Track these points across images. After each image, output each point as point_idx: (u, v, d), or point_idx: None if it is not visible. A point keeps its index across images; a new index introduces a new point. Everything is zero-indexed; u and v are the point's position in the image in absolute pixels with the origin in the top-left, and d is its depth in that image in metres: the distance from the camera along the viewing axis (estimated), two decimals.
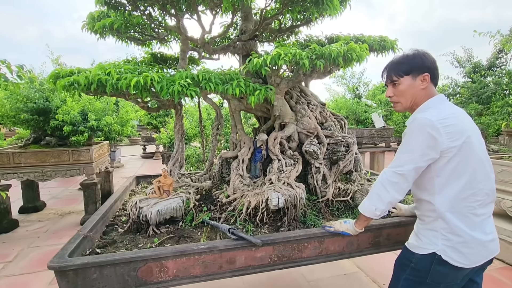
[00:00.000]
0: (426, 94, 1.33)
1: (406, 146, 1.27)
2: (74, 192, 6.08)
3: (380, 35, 2.46)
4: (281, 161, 2.08)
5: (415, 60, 1.33)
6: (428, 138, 1.20)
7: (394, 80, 1.37)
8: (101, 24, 1.94)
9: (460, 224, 1.23)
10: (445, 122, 1.19)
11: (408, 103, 1.37)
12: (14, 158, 3.93)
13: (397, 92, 1.38)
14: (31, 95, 3.96)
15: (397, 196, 1.31)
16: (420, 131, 1.22)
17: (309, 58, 1.62)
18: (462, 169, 1.21)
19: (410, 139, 1.26)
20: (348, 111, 6.48)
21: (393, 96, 1.40)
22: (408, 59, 1.35)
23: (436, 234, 1.28)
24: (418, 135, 1.22)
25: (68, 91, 1.77)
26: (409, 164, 1.25)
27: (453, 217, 1.23)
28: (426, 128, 1.20)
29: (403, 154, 1.28)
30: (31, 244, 3.69)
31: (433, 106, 1.30)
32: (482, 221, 1.25)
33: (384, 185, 1.31)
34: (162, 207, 1.91)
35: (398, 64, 1.36)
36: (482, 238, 1.24)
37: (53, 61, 6.12)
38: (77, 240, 1.59)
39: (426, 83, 1.32)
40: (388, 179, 1.30)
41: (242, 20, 2.45)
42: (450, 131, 1.18)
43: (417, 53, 1.35)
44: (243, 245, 1.57)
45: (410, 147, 1.25)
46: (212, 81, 1.63)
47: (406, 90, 1.34)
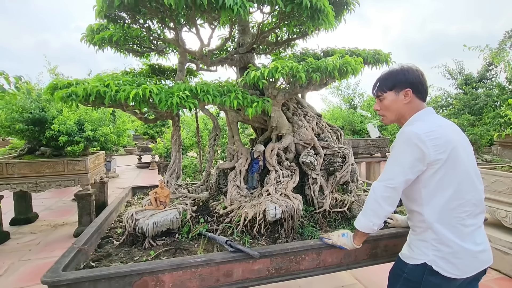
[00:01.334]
0: (412, 108, 1.38)
1: (396, 159, 1.31)
2: (68, 203, 5.99)
3: (374, 49, 2.53)
4: (278, 172, 2.09)
5: (398, 76, 1.39)
6: (415, 151, 1.23)
7: (378, 95, 1.44)
8: (100, 36, 1.97)
9: (449, 235, 1.25)
10: (432, 134, 1.23)
11: (393, 117, 1.44)
12: (7, 168, 3.88)
13: (382, 106, 1.45)
14: (27, 105, 3.94)
15: (391, 209, 1.34)
16: (408, 144, 1.25)
17: (305, 71, 1.65)
18: (448, 180, 1.24)
19: (399, 152, 1.30)
20: (344, 122, 6.54)
21: (380, 110, 1.48)
22: (391, 75, 1.41)
23: (426, 245, 1.30)
24: (406, 148, 1.26)
25: (65, 102, 1.78)
26: (399, 176, 1.28)
27: (441, 227, 1.26)
28: (413, 141, 1.24)
29: (393, 167, 1.32)
30: (22, 257, 3.61)
31: (420, 119, 1.34)
32: (472, 231, 1.26)
33: (377, 200, 1.34)
34: (159, 219, 1.89)
35: (382, 80, 1.44)
36: (473, 248, 1.25)
37: (50, 71, 6.13)
38: (72, 253, 1.56)
39: (408, 98, 1.37)
40: (381, 194, 1.33)
41: (239, 33, 2.50)
42: (436, 143, 1.22)
43: (401, 69, 1.41)
44: (241, 257, 1.56)
45: (400, 160, 1.29)
46: (210, 93, 1.65)
47: (390, 105, 1.41)
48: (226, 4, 1.34)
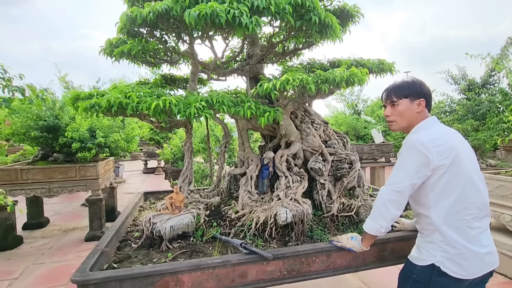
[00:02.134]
0: (420, 117, 1.47)
1: (402, 165, 1.40)
2: (77, 208, 6.11)
3: (378, 59, 2.63)
4: (288, 178, 2.18)
5: (414, 86, 1.48)
6: (420, 157, 1.31)
7: (393, 100, 1.50)
8: (120, 50, 2.09)
9: (455, 236, 1.31)
10: (435, 142, 1.32)
11: (403, 124, 1.51)
12: (22, 174, 4.01)
13: (395, 112, 1.51)
14: (41, 113, 4.09)
15: (398, 212, 1.42)
16: (413, 151, 1.34)
17: (315, 82, 1.75)
18: (452, 185, 1.31)
19: (405, 158, 1.38)
20: (348, 127, 6.63)
21: (391, 116, 1.54)
22: (408, 84, 1.50)
23: (434, 246, 1.36)
24: (412, 154, 1.35)
25: (88, 112, 1.89)
26: (405, 181, 1.36)
27: (448, 229, 1.32)
28: (418, 147, 1.32)
29: (399, 172, 1.40)
30: (36, 261, 3.71)
31: (424, 127, 1.44)
32: (478, 234, 1.33)
33: (384, 203, 1.41)
34: (175, 222, 1.98)
35: (399, 87, 1.51)
36: (479, 250, 1.31)
37: (60, 79, 6.31)
38: (96, 255, 1.66)
39: (421, 108, 1.46)
40: (388, 198, 1.40)
41: (249, 45, 2.61)
42: (439, 150, 1.30)
43: (416, 80, 1.51)
44: (255, 259, 1.64)
45: (406, 165, 1.37)
46: (225, 104, 1.76)
47: (404, 111, 1.48)
48: (243, 23, 1.46)
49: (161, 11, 1.61)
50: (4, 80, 1.81)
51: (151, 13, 1.62)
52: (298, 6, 1.71)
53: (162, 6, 1.61)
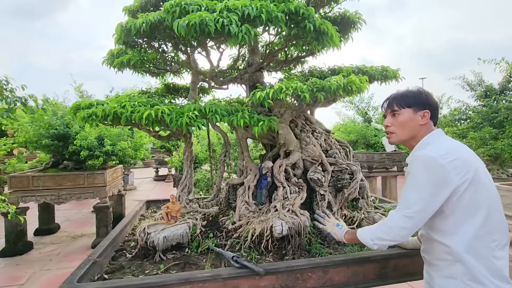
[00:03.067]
0: (424, 130, 1.32)
1: (412, 186, 1.20)
2: (87, 214, 6.22)
3: (382, 65, 2.55)
4: (285, 188, 2.12)
5: (420, 96, 1.33)
6: (434, 176, 1.13)
7: (395, 109, 1.36)
8: (119, 60, 2.12)
9: (482, 269, 1.10)
10: (448, 156, 1.14)
11: (403, 136, 1.35)
12: (33, 181, 4.13)
13: (395, 123, 1.37)
14: (53, 122, 4.22)
15: (400, 240, 1.29)
16: (424, 169, 1.16)
17: (310, 91, 1.70)
18: (476, 205, 1.13)
19: (415, 178, 1.19)
20: (357, 135, 6.48)
21: (390, 126, 1.39)
22: (412, 93, 1.35)
23: (455, 283, 1.14)
24: (423, 174, 1.16)
25: (86, 121, 1.92)
26: (417, 204, 1.16)
27: (473, 260, 1.11)
28: (430, 165, 1.14)
29: (410, 195, 1.20)
30: (44, 267, 3.77)
31: (431, 142, 1.28)
32: (503, 266, 1.13)
33: (391, 228, 1.24)
34: (169, 233, 1.96)
35: (402, 96, 1.36)
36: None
37: (75, 88, 6.53)
38: (87, 265, 1.65)
39: (425, 120, 1.30)
40: (396, 223, 1.22)
41: (249, 53, 2.60)
42: (455, 165, 1.13)
43: (422, 90, 1.36)
44: (247, 273, 1.58)
45: (417, 186, 1.18)
46: (218, 113, 1.74)
47: (405, 122, 1.33)
48: (232, 32, 1.44)
49: (154, 22, 1.62)
50: (7, 90, 1.87)
51: (145, 23, 1.63)
52: (292, 13, 1.68)
53: (155, 16, 1.62)
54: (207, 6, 1.58)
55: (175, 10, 1.54)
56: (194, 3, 1.57)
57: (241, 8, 1.52)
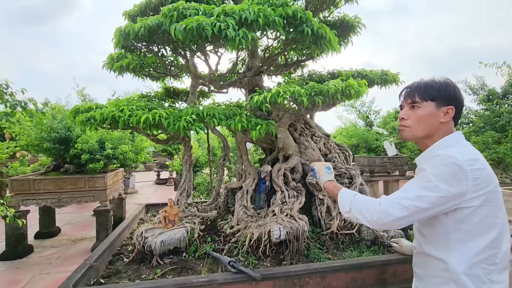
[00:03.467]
0: (445, 130, 1.14)
1: (423, 181, 1.05)
2: (88, 218, 6.21)
3: (382, 69, 2.55)
4: (284, 193, 2.11)
5: (447, 89, 1.14)
6: (452, 180, 1.00)
7: (416, 101, 1.16)
8: (119, 64, 2.13)
9: None
10: (474, 164, 1.00)
11: (419, 132, 1.16)
12: (34, 184, 4.13)
13: (413, 116, 1.17)
14: (54, 125, 4.24)
15: (378, 227, 1.14)
16: (444, 168, 1.02)
17: (308, 94, 1.70)
18: (489, 224, 1.02)
19: (429, 174, 1.04)
20: (359, 139, 6.45)
21: (407, 119, 1.19)
22: (439, 84, 1.15)
23: None
24: (441, 173, 1.02)
25: (85, 125, 1.93)
26: (421, 200, 1.02)
27: (469, 282, 1.01)
28: (451, 167, 1.00)
29: (416, 187, 1.06)
30: (43, 270, 3.76)
31: (455, 143, 1.11)
32: None
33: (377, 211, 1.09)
34: (166, 237, 1.95)
35: (426, 86, 1.16)
36: None
37: (78, 92, 6.58)
38: (83, 269, 1.64)
39: (448, 117, 1.13)
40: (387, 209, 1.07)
41: (249, 57, 2.61)
42: (477, 176, 0.99)
43: (450, 82, 1.16)
44: (243, 278, 1.56)
45: (428, 182, 1.03)
46: (216, 117, 1.73)
47: (426, 117, 1.14)
48: (228, 36, 1.45)
49: (152, 26, 1.63)
50: (7, 94, 1.88)
51: (143, 28, 1.64)
52: (289, 17, 1.68)
53: (153, 21, 1.63)
54: (204, 10, 1.59)
55: (173, 15, 1.55)
56: (191, 7, 1.58)
57: (238, 12, 1.52)
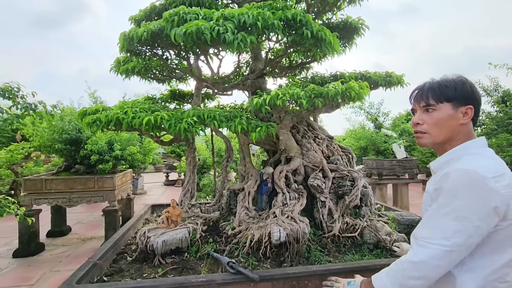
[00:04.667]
0: (465, 133, 1.03)
1: (450, 211, 0.91)
2: (98, 217, 6.35)
3: (387, 71, 2.53)
4: (285, 195, 2.11)
5: (463, 87, 1.03)
6: (483, 204, 0.87)
7: (430, 104, 1.05)
8: (125, 68, 2.19)
9: None
10: (503, 179, 0.88)
11: (440, 138, 1.05)
12: (46, 184, 4.26)
13: (429, 120, 1.06)
14: (65, 127, 4.37)
15: (432, 280, 0.96)
16: (469, 191, 0.89)
17: (307, 97, 1.70)
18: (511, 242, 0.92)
19: (455, 201, 0.91)
20: (367, 142, 6.37)
21: (423, 125, 1.07)
22: (453, 83, 1.04)
23: None
24: (468, 198, 0.89)
25: (91, 127, 1.98)
26: (459, 236, 0.89)
27: None
28: (477, 188, 0.88)
29: (447, 222, 0.91)
30: (53, 268, 3.86)
31: (476, 152, 0.99)
32: None
33: (419, 266, 0.94)
34: (168, 237, 1.98)
35: (440, 86, 1.05)
36: None
37: (89, 95, 6.76)
38: (87, 267, 1.69)
39: (467, 118, 1.02)
40: (428, 260, 0.93)
41: (252, 60, 2.63)
42: (507, 193, 0.87)
43: (465, 80, 1.05)
44: (241, 279, 1.58)
45: (457, 212, 0.90)
46: (216, 119, 1.76)
47: (443, 121, 1.03)
48: (227, 39, 1.47)
49: (154, 30, 1.67)
50: (19, 97, 1.96)
51: (146, 32, 1.69)
52: (289, 21, 1.70)
53: (156, 25, 1.67)
54: (204, 14, 1.62)
55: (174, 19, 1.59)
56: (192, 12, 1.61)
57: (237, 17, 1.55)
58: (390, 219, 2.35)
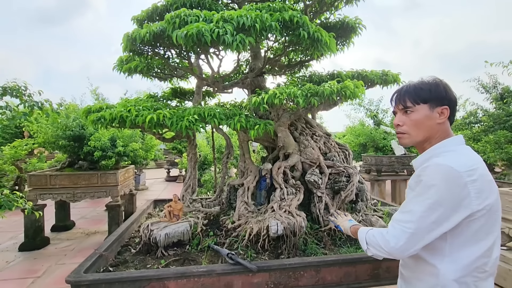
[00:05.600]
0: (443, 131, 1.11)
1: (423, 199, 0.99)
2: (101, 212, 6.46)
3: (383, 70, 2.58)
4: (283, 190, 2.19)
5: (437, 89, 1.11)
6: (453, 196, 0.95)
7: (407, 106, 1.13)
8: (127, 67, 2.26)
9: None
10: (473, 174, 0.95)
11: (419, 137, 1.12)
12: (50, 180, 4.35)
13: (408, 122, 1.14)
14: (69, 123, 4.45)
15: (397, 256, 1.08)
16: (443, 184, 0.97)
17: (304, 96, 1.77)
18: (486, 232, 0.99)
19: (429, 191, 0.99)
20: (366, 138, 6.43)
21: (402, 126, 1.15)
22: (428, 85, 1.12)
23: None
24: (440, 189, 0.97)
25: (96, 124, 2.06)
26: (423, 221, 0.98)
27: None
28: (450, 181, 0.96)
29: (417, 208, 1.00)
30: (59, 261, 3.97)
31: (453, 149, 1.06)
32: None
33: (388, 242, 1.05)
34: (171, 230, 2.06)
35: (416, 89, 1.13)
36: None
37: (91, 91, 6.83)
38: (93, 258, 1.77)
39: (443, 118, 1.09)
40: (394, 238, 1.03)
41: (252, 59, 2.69)
42: (479, 187, 0.95)
43: (439, 81, 1.13)
44: (240, 270, 1.66)
45: (428, 201, 0.98)
46: (216, 117, 1.83)
47: (422, 121, 1.10)
48: (226, 41, 1.53)
49: (156, 32, 1.74)
50: (26, 95, 2.03)
51: (148, 33, 1.75)
52: (286, 22, 1.76)
53: (158, 27, 1.74)
54: (205, 16, 1.68)
55: (175, 21, 1.65)
56: (192, 14, 1.68)
57: (236, 19, 1.61)
58: (385, 213, 2.43)
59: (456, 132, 5.79)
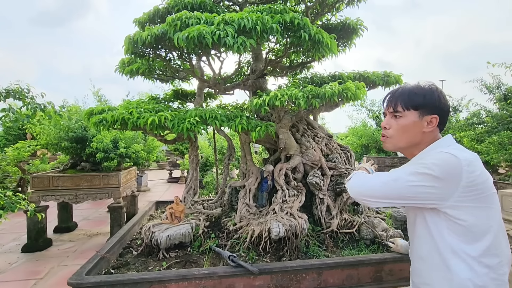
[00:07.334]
0: (431, 138, 1.11)
1: (417, 167, 1.02)
2: (103, 214, 6.48)
3: (385, 71, 2.57)
4: (284, 192, 2.18)
5: (431, 97, 1.09)
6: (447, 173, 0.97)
7: (397, 110, 1.12)
8: (129, 69, 2.27)
9: None
10: (470, 165, 0.97)
11: (401, 143, 1.14)
12: (53, 181, 4.38)
13: (395, 126, 1.13)
14: (71, 125, 4.47)
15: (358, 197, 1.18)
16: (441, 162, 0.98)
17: (305, 97, 1.77)
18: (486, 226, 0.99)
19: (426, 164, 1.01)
20: (368, 139, 6.41)
21: (389, 129, 1.16)
22: (423, 91, 1.09)
23: None
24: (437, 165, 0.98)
25: (98, 126, 2.07)
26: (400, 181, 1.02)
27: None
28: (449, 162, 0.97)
29: (401, 170, 1.07)
30: (61, 262, 3.99)
31: (450, 144, 1.09)
32: None
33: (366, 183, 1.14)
34: (172, 232, 2.06)
35: (410, 93, 1.11)
36: None
37: (94, 93, 6.86)
38: (95, 260, 1.77)
39: (431, 127, 1.09)
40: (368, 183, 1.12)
41: (253, 60, 2.70)
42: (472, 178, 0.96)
43: (435, 89, 1.10)
44: (242, 272, 1.65)
45: (420, 170, 1.00)
46: (218, 119, 1.83)
47: (408, 127, 1.10)
48: (227, 43, 1.54)
49: (158, 34, 1.74)
50: (28, 97, 2.05)
51: (150, 36, 1.76)
52: (287, 24, 1.76)
53: (159, 29, 1.74)
54: (206, 19, 1.69)
55: (177, 24, 1.66)
56: (194, 16, 1.68)
57: (237, 21, 1.61)
58: (387, 215, 2.41)
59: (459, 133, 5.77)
